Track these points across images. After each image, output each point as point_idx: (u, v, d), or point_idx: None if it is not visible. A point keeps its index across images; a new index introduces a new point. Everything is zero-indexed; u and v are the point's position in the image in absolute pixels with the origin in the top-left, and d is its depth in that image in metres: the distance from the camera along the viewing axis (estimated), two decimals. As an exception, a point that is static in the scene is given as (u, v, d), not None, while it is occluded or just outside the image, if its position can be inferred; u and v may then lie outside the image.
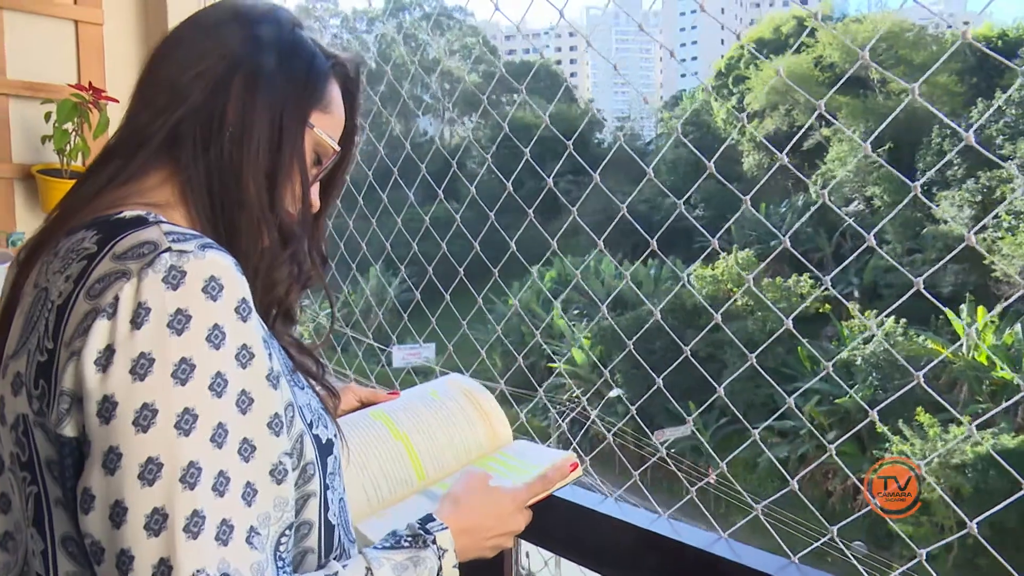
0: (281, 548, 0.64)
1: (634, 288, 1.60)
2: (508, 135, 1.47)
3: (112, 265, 0.61)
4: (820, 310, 19.73)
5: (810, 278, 19.99)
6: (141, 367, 0.58)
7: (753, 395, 17.31)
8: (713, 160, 1.13)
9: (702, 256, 1.46)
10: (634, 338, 1.25)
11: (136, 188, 0.72)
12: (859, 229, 0.93)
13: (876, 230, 0.99)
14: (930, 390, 0.93)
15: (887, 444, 15.60)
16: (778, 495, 1.15)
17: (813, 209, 1.64)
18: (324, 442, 0.74)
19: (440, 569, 0.73)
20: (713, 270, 20.87)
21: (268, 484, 0.63)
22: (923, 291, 0.87)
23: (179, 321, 0.59)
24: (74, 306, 0.61)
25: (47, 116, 1.76)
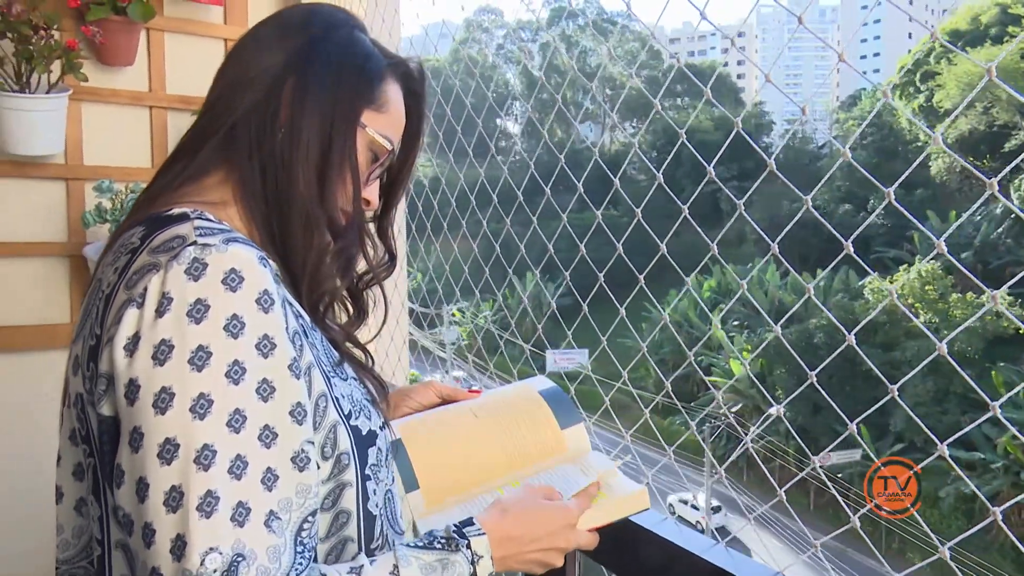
0: (303, 534, 0.64)
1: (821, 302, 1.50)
2: (669, 141, 1.44)
3: (147, 258, 0.66)
4: (1021, 331, 17.53)
5: (1008, 294, 17.83)
6: (161, 353, 0.61)
7: (938, 421, 15.72)
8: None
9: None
10: (821, 366, 1.16)
11: (196, 187, 0.76)
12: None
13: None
14: None
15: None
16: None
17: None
18: (365, 433, 0.75)
19: (473, 575, 0.70)
20: (891, 282, 19.18)
21: (290, 470, 0.64)
22: None
23: (198, 311, 0.62)
24: (116, 295, 0.66)
25: (196, 127, 1.95)
